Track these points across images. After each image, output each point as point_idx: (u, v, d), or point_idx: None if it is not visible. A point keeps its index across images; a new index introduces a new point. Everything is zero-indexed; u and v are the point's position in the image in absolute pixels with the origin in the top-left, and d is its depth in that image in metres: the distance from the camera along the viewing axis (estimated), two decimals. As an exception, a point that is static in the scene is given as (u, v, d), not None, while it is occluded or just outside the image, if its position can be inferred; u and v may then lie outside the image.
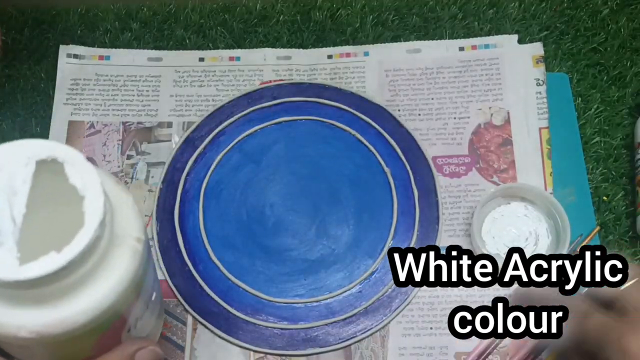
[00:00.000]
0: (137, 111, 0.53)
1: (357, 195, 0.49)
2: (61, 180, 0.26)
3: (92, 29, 0.56)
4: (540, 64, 0.52)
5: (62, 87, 0.53)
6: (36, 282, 0.24)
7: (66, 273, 0.25)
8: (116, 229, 0.27)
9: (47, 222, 0.26)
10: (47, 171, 0.26)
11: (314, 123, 0.52)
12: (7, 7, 0.56)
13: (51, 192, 0.26)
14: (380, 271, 0.47)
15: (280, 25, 0.56)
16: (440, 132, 0.51)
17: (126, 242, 0.28)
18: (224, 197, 0.49)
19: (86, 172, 0.26)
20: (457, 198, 0.49)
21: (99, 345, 0.29)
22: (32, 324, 0.26)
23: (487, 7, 0.55)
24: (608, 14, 0.55)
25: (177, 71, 0.54)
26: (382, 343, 0.45)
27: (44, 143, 0.27)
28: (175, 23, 0.56)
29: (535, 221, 0.47)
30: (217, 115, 0.52)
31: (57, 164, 0.26)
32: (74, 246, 0.25)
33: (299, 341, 0.45)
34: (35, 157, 0.26)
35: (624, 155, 0.50)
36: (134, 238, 0.28)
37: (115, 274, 0.27)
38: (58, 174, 0.26)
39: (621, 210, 0.48)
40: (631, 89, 0.52)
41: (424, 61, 0.54)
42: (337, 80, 0.53)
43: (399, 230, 0.48)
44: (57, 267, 0.24)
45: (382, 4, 0.56)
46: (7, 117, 0.53)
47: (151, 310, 0.34)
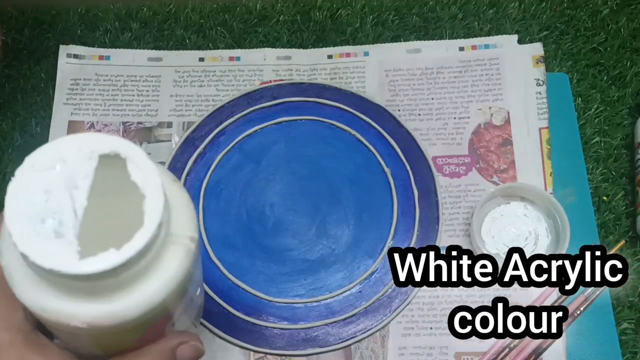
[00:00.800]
0: (137, 111, 0.53)
1: (357, 195, 0.49)
2: (121, 175, 0.26)
3: (92, 29, 0.56)
4: (540, 64, 0.52)
5: (62, 87, 0.53)
6: (93, 277, 0.24)
7: (122, 270, 0.25)
8: (172, 227, 0.28)
9: (104, 216, 0.26)
10: (108, 165, 0.26)
11: (314, 123, 0.52)
12: (7, 7, 0.56)
13: (109, 186, 0.26)
14: (380, 271, 0.47)
15: (280, 25, 0.56)
16: (440, 132, 0.51)
17: (180, 241, 0.28)
18: (224, 197, 0.49)
19: (148, 170, 0.26)
20: (457, 198, 0.49)
21: (144, 337, 0.30)
22: (84, 314, 0.26)
23: (487, 7, 0.55)
24: (608, 14, 0.55)
25: (177, 71, 0.54)
26: (382, 343, 0.45)
27: (107, 138, 0.27)
28: (175, 23, 0.56)
29: (534, 221, 0.47)
30: (217, 115, 0.52)
31: (118, 159, 0.26)
32: (132, 245, 0.25)
33: (299, 341, 0.45)
34: (99, 151, 0.26)
35: (624, 155, 0.50)
36: (188, 237, 0.28)
37: (168, 271, 0.27)
38: (119, 169, 0.26)
39: (621, 210, 0.48)
40: (631, 89, 0.52)
41: (424, 61, 0.54)
42: (337, 80, 0.53)
43: (399, 230, 0.48)
44: (116, 265, 0.24)
45: (382, 4, 0.56)
46: (7, 117, 0.53)
47: (193, 305, 0.35)
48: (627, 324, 0.45)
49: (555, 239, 0.46)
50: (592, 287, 0.45)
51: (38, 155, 0.26)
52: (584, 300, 0.45)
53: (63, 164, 0.26)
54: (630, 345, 0.45)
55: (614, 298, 0.46)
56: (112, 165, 0.26)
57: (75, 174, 0.26)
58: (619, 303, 0.46)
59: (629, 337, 0.45)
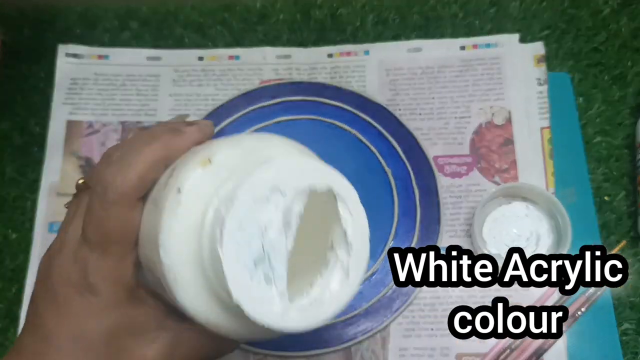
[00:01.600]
0: (136, 110, 0.53)
1: (358, 195, 0.49)
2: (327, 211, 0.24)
3: (91, 28, 0.55)
4: (542, 63, 0.52)
5: (61, 86, 0.53)
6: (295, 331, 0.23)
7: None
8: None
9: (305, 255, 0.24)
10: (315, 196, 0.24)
11: (314, 122, 0.51)
12: (6, 7, 0.56)
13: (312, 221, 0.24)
14: (381, 272, 0.46)
15: (280, 24, 0.55)
16: (442, 132, 0.51)
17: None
18: (223, 197, 0.49)
19: (358, 215, 0.25)
20: (458, 198, 0.49)
21: None
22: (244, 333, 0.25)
23: (488, 6, 0.55)
24: (609, 14, 0.54)
25: (176, 70, 0.54)
26: (383, 344, 0.45)
27: (323, 168, 0.24)
28: (175, 22, 0.56)
29: (536, 221, 0.47)
30: (216, 115, 0.52)
31: (329, 194, 0.24)
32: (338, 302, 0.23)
33: (299, 342, 0.45)
34: (316, 186, 0.24)
35: (625, 155, 0.50)
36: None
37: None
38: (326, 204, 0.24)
39: (622, 210, 0.48)
40: (632, 89, 0.52)
41: (425, 60, 0.53)
42: (338, 79, 0.53)
43: (399, 230, 0.48)
44: (320, 324, 0.23)
45: (383, 2, 0.56)
46: (6, 116, 0.52)
47: None
48: (628, 325, 0.45)
49: (557, 239, 0.46)
50: (592, 287, 0.45)
51: (257, 184, 0.23)
52: (585, 300, 0.45)
53: (281, 197, 0.23)
54: (631, 345, 0.45)
55: (615, 298, 0.45)
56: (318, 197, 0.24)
57: (290, 211, 0.23)
58: (620, 303, 0.45)
59: (630, 337, 0.45)
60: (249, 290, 0.22)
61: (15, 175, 0.51)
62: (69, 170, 0.51)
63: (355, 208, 0.25)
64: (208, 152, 0.25)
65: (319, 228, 0.24)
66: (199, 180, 0.24)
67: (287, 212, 0.23)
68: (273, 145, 0.26)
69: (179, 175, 0.24)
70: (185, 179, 0.24)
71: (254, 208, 0.22)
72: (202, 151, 0.25)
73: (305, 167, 0.24)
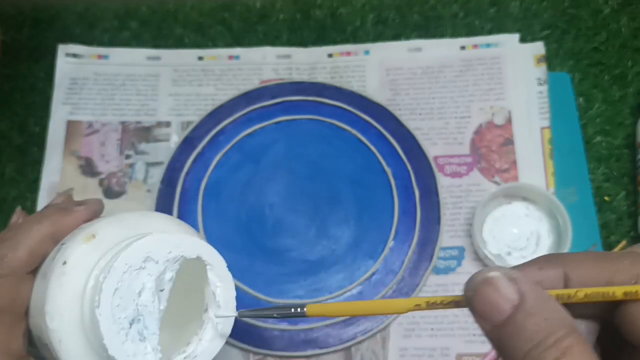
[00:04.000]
0: (136, 110, 0.52)
1: (358, 196, 0.49)
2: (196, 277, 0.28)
3: (90, 28, 0.55)
4: (542, 63, 0.52)
5: (61, 86, 0.53)
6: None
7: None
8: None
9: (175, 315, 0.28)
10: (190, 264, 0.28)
11: (314, 122, 0.51)
12: (6, 6, 0.56)
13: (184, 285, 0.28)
14: (381, 272, 0.46)
15: (280, 23, 0.55)
16: (442, 132, 0.51)
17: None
18: (223, 197, 0.49)
19: (225, 279, 0.28)
20: (458, 198, 0.49)
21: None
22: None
23: (489, 5, 0.55)
24: (609, 14, 0.54)
25: (176, 70, 0.54)
26: (383, 344, 0.45)
27: (195, 242, 0.28)
28: (174, 22, 0.56)
29: (536, 221, 0.47)
30: (216, 115, 0.52)
31: (199, 262, 0.28)
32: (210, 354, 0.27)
33: (299, 342, 0.45)
34: (186, 254, 0.27)
35: (625, 155, 0.50)
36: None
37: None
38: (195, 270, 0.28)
39: (623, 210, 0.48)
40: (633, 89, 0.52)
41: (425, 60, 0.53)
42: (338, 79, 0.53)
43: (399, 230, 0.47)
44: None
45: (383, 2, 0.56)
46: (5, 116, 0.52)
47: None
48: (629, 325, 0.45)
49: (557, 239, 0.46)
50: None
51: (132, 255, 0.26)
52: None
53: (155, 266, 0.26)
54: (632, 346, 0.44)
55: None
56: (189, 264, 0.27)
57: (163, 277, 0.27)
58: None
59: (630, 338, 0.45)
60: (123, 346, 0.25)
61: (15, 175, 0.51)
62: (68, 170, 0.50)
63: (222, 273, 0.28)
64: (93, 228, 0.28)
65: (197, 292, 0.28)
66: (83, 254, 0.27)
67: (160, 278, 0.26)
68: (153, 221, 0.29)
69: (66, 250, 0.27)
70: (71, 253, 0.27)
71: (130, 276, 0.26)
72: (89, 228, 0.28)
73: (178, 239, 0.27)
